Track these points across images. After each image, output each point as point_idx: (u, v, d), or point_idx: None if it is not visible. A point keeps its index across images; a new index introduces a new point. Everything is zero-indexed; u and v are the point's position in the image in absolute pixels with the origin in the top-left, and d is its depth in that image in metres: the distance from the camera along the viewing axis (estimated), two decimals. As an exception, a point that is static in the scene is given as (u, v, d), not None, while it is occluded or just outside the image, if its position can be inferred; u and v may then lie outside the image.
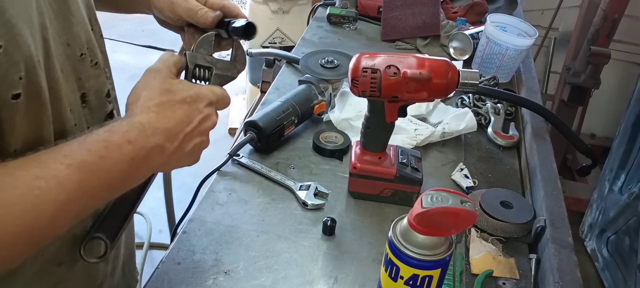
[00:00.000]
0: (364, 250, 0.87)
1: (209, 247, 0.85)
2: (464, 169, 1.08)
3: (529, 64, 1.52)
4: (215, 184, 0.98)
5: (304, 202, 0.93)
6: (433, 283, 0.67)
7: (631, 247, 1.92)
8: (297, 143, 1.11)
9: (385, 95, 0.86)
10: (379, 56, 0.85)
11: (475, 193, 1.00)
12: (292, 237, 0.88)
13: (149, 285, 0.78)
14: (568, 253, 0.85)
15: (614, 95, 2.86)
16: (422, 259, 0.65)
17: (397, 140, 1.08)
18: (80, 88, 0.65)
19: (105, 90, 0.71)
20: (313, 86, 1.15)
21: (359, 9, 1.73)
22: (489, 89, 1.29)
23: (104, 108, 0.71)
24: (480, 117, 1.24)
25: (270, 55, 1.52)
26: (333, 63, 1.25)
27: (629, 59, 2.83)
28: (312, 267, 0.83)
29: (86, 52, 0.66)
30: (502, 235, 0.92)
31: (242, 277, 0.80)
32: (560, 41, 2.89)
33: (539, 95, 1.37)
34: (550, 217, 0.92)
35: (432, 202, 0.62)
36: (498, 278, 0.85)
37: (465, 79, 0.85)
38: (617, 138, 2.14)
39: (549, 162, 1.07)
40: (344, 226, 0.91)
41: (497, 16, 1.49)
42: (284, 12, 3.02)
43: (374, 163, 0.95)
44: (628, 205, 1.97)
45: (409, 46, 1.60)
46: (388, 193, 0.96)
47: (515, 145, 1.19)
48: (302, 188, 0.96)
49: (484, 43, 1.43)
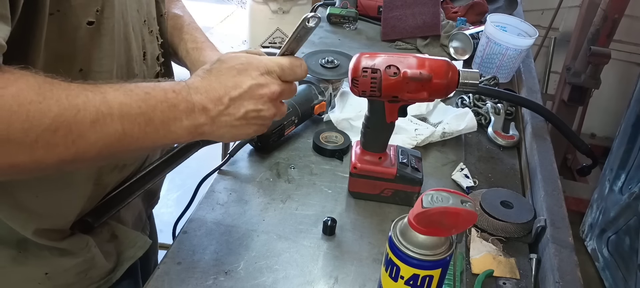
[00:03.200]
0: (364, 250, 0.87)
1: (209, 247, 0.85)
2: (464, 169, 1.07)
3: (529, 64, 1.52)
4: (215, 184, 0.98)
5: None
6: (433, 283, 0.67)
7: (631, 246, 1.92)
8: (298, 143, 1.11)
9: (385, 95, 0.86)
10: (379, 56, 0.85)
11: (475, 193, 1.00)
12: (292, 237, 0.88)
13: (149, 285, 0.78)
14: (568, 253, 0.85)
15: (614, 95, 2.86)
16: (423, 259, 0.65)
17: (398, 140, 1.08)
18: (143, 47, 0.78)
19: (156, 54, 0.83)
20: (313, 86, 1.15)
21: (359, 9, 1.73)
22: (489, 88, 1.29)
23: (155, 68, 0.83)
24: (481, 117, 1.24)
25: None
26: (333, 63, 1.25)
27: (629, 59, 2.83)
28: (312, 267, 0.83)
29: (147, 20, 0.79)
30: (502, 235, 0.92)
31: (242, 277, 0.80)
32: (560, 41, 2.90)
33: (539, 95, 1.37)
34: (551, 217, 0.92)
35: (432, 202, 0.62)
36: (498, 278, 0.85)
37: (465, 79, 0.85)
38: (617, 138, 2.14)
39: (549, 162, 1.07)
40: (344, 226, 0.91)
41: (497, 16, 1.49)
42: (284, 12, 3.03)
43: (374, 163, 0.95)
44: (628, 205, 1.97)
45: (409, 46, 1.60)
46: (388, 193, 0.96)
47: (516, 145, 1.19)
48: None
49: (484, 43, 1.43)
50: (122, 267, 0.86)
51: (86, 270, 0.79)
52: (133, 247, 0.87)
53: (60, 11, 0.59)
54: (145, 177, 0.82)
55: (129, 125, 0.59)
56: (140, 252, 0.88)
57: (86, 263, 0.78)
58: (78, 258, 0.77)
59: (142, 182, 0.82)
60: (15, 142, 0.51)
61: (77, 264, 0.77)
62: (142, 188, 0.83)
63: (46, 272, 0.75)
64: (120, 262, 0.85)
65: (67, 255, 0.76)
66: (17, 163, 0.52)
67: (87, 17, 0.62)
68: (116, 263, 0.85)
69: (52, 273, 0.75)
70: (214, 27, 4.31)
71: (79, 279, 0.78)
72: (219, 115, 0.66)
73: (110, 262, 0.83)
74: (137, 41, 0.76)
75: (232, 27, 4.33)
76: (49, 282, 0.75)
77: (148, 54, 0.80)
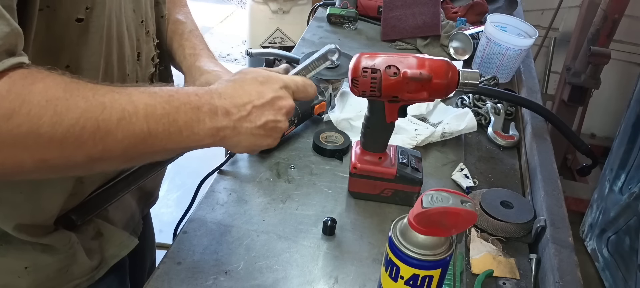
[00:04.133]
0: (364, 250, 0.87)
1: (209, 247, 0.85)
2: (464, 169, 1.08)
3: (529, 64, 1.52)
4: (216, 184, 0.98)
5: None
6: (433, 283, 0.67)
7: (631, 246, 1.92)
8: (298, 143, 1.11)
9: (385, 95, 0.86)
10: (379, 56, 0.85)
11: (475, 193, 1.00)
12: (292, 237, 0.88)
13: (149, 285, 0.78)
14: (568, 253, 0.85)
15: (614, 95, 2.86)
16: (423, 259, 0.65)
17: (397, 140, 1.08)
18: (137, 47, 0.78)
19: (151, 55, 0.84)
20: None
21: (359, 9, 1.73)
22: (489, 89, 1.29)
23: (149, 69, 0.84)
24: (481, 117, 1.24)
25: (270, 55, 1.52)
26: (333, 63, 1.25)
27: (629, 59, 2.83)
28: (312, 267, 0.83)
29: (144, 20, 0.80)
30: (502, 235, 0.92)
31: (242, 277, 0.80)
32: (560, 41, 2.90)
33: (539, 95, 1.37)
34: (551, 217, 0.92)
35: (432, 202, 0.62)
36: (498, 278, 0.85)
37: (465, 79, 0.85)
38: (617, 138, 2.14)
39: (549, 162, 1.07)
40: (344, 226, 0.91)
41: (497, 16, 1.49)
42: (284, 12, 3.03)
43: (374, 163, 0.95)
44: (628, 205, 1.97)
45: (409, 46, 1.60)
46: (388, 193, 0.96)
47: (516, 145, 1.19)
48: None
49: (484, 43, 1.43)
50: (106, 265, 0.85)
51: (67, 265, 0.79)
52: (118, 246, 0.87)
53: (49, 7, 0.60)
54: (130, 176, 0.82)
55: (154, 125, 0.59)
56: (125, 251, 0.88)
57: (67, 259, 0.78)
58: (59, 254, 0.77)
59: (128, 181, 0.82)
60: (45, 137, 0.52)
61: (59, 260, 0.77)
62: (128, 188, 0.83)
63: (26, 266, 0.75)
64: (104, 260, 0.85)
65: (49, 251, 0.76)
66: (48, 159, 0.54)
67: (77, 14, 0.63)
68: (100, 261, 0.84)
69: (32, 268, 0.75)
70: (214, 27, 4.31)
71: (60, 275, 0.78)
72: (241, 120, 0.67)
73: (93, 259, 0.82)
74: (131, 41, 0.76)
75: (232, 27, 4.33)
76: (29, 276, 0.75)
77: (143, 55, 0.81)
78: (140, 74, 0.81)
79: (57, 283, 0.79)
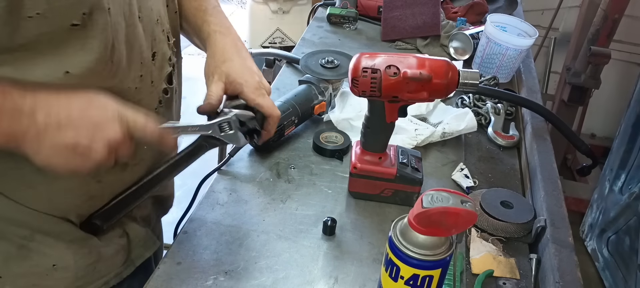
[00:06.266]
0: (364, 250, 0.87)
1: (209, 247, 0.85)
2: (464, 169, 1.07)
3: (529, 64, 1.52)
4: (216, 184, 0.98)
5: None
6: (433, 283, 0.67)
7: (631, 247, 1.92)
8: (298, 143, 1.11)
9: (385, 95, 0.86)
10: (379, 56, 0.85)
11: (475, 193, 1.00)
12: (292, 237, 0.88)
13: (149, 285, 0.78)
14: (568, 253, 0.85)
15: (614, 95, 2.86)
16: (423, 259, 0.65)
17: (398, 140, 1.08)
18: (152, 47, 0.78)
19: (167, 55, 0.83)
20: (313, 86, 1.15)
21: (359, 9, 1.73)
22: (489, 89, 1.29)
23: (165, 69, 0.83)
24: (481, 117, 1.24)
25: (270, 55, 1.52)
26: (333, 63, 1.25)
27: (629, 59, 2.83)
28: (312, 267, 0.83)
29: (159, 19, 0.79)
30: (502, 235, 0.92)
31: (242, 277, 0.80)
32: (560, 41, 2.89)
33: (539, 95, 1.37)
34: (551, 217, 0.92)
35: (432, 202, 0.62)
36: (498, 278, 0.85)
37: (465, 79, 0.85)
38: (617, 138, 2.14)
39: (549, 162, 1.07)
40: (344, 226, 0.91)
41: (497, 16, 1.49)
42: (284, 12, 3.02)
43: (374, 163, 0.95)
44: (628, 205, 1.97)
45: (409, 46, 1.60)
46: (388, 193, 0.96)
47: (516, 145, 1.19)
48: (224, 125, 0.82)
49: (484, 43, 1.43)
50: (133, 264, 0.87)
51: (94, 262, 0.80)
52: (142, 246, 0.88)
53: (40, 14, 0.58)
54: (152, 180, 0.83)
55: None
56: (149, 251, 0.89)
57: (93, 256, 0.79)
58: (84, 251, 0.78)
59: (149, 185, 0.83)
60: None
61: (85, 257, 0.78)
62: (149, 192, 0.83)
63: (54, 264, 0.76)
64: (130, 260, 0.87)
65: (74, 248, 0.77)
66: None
67: (72, 19, 0.61)
68: (126, 259, 0.86)
69: (60, 266, 0.76)
70: (214, 27, 4.30)
71: (87, 273, 0.79)
72: (47, 130, 0.61)
73: (119, 258, 0.84)
74: (147, 42, 0.76)
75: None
76: (56, 274, 0.76)
77: (158, 55, 0.79)
78: (156, 74, 0.79)
79: (85, 282, 0.80)
